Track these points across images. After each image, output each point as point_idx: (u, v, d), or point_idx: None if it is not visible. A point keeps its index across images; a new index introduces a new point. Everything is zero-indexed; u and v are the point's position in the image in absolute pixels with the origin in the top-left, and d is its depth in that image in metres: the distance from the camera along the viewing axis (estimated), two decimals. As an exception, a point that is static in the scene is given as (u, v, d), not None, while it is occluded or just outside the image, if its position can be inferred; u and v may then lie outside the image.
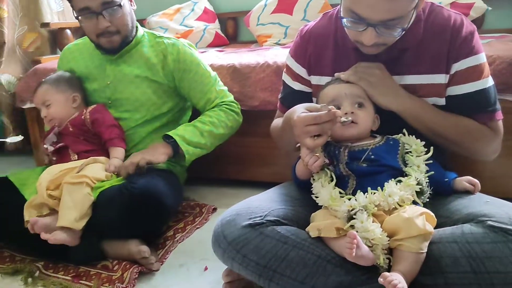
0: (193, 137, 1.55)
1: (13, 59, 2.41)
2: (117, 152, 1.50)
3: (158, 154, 1.47)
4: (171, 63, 1.60)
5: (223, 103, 1.66)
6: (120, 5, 1.47)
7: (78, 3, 1.45)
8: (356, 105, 1.09)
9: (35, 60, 2.37)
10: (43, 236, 1.26)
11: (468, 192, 1.08)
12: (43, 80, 1.60)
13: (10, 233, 1.41)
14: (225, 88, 1.72)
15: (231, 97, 1.70)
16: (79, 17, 1.49)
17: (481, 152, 1.17)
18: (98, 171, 1.39)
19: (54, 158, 1.52)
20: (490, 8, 2.21)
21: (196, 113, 1.77)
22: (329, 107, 1.00)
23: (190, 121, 1.68)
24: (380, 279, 0.87)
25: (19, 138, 1.51)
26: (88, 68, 1.64)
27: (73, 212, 1.28)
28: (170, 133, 1.53)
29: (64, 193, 1.31)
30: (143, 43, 1.63)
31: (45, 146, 1.53)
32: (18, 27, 2.43)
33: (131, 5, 1.57)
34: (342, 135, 1.08)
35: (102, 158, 1.48)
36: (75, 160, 1.47)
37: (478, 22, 2.30)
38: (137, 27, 1.64)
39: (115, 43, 1.54)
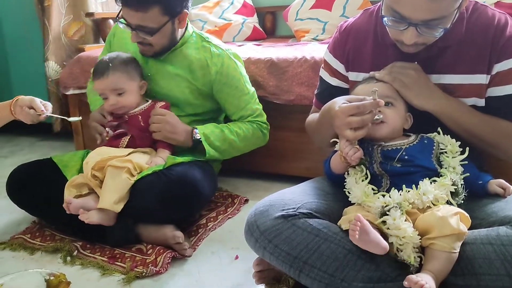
0: (216, 140, 1.60)
1: (58, 47, 2.51)
2: (164, 154, 1.52)
3: (177, 141, 1.54)
4: (213, 74, 1.61)
5: (256, 121, 1.69)
6: (153, 32, 1.46)
7: (122, 10, 1.47)
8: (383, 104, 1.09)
9: (79, 49, 2.46)
10: (81, 216, 1.31)
11: None
12: (104, 62, 1.51)
13: (52, 212, 1.47)
14: (260, 106, 1.74)
15: (263, 117, 1.73)
16: (117, 22, 1.52)
17: None
18: (141, 159, 1.44)
19: (107, 139, 1.56)
20: (537, 9, 2.12)
21: None
22: (374, 97, 1.01)
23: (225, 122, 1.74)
24: (405, 283, 0.87)
25: (79, 118, 1.55)
26: (135, 53, 1.63)
27: (114, 195, 1.34)
28: (199, 128, 1.58)
29: (107, 177, 1.37)
30: (189, 44, 1.63)
31: (107, 129, 1.53)
32: (64, 16, 2.52)
33: (179, 23, 1.54)
34: (373, 136, 1.08)
35: (148, 149, 1.52)
36: (123, 147, 1.51)
37: (524, 22, 2.22)
38: (187, 25, 1.64)
39: (149, 53, 1.56)
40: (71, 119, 1.52)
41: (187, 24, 1.64)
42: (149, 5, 1.41)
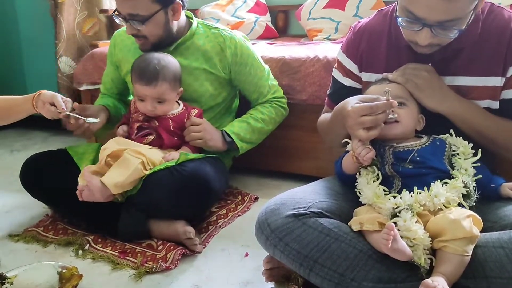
0: (246, 134, 1.65)
1: (72, 43, 2.53)
2: (185, 151, 1.52)
3: (216, 147, 1.59)
4: (230, 57, 1.63)
5: (274, 98, 1.73)
6: (144, 20, 1.47)
7: (116, 5, 1.50)
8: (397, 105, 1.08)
9: (92, 44, 2.48)
10: (85, 175, 1.33)
11: None
12: (153, 69, 1.45)
13: (65, 202, 1.49)
14: (276, 82, 1.77)
15: (281, 92, 1.77)
16: (113, 17, 1.55)
17: None
18: (155, 155, 1.44)
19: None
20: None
21: (242, 99, 1.85)
22: (387, 97, 1.01)
23: (239, 107, 1.77)
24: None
25: (96, 120, 1.55)
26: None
27: (119, 177, 1.34)
28: (227, 130, 1.62)
29: (120, 160, 1.37)
30: (198, 35, 1.64)
31: (135, 131, 1.53)
32: (79, 12, 2.54)
33: (173, 14, 1.54)
34: (385, 135, 1.08)
35: (172, 150, 1.53)
36: (148, 142, 1.51)
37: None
38: (191, 18, 1.67)
39: (146, 46, 1.55)
40: (90, 120, 1.52)
41: (191, 18, 1.66)
42: None
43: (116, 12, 1.51)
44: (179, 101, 1.58)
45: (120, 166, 1.37)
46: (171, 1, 1.50)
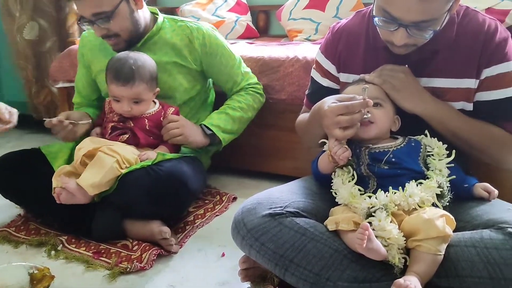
0: (227, 125, 1.63)
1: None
2: (162, 150, 1.50)
3: (196, 142, 1.56)
4: (198, 48, 1.61)
5: (249, 85, 1.72)
6: (109, 16, 1.44)
7: (76, 5, 1.47)
8: (372, 105, 1.09)
9: (70, 42, 2.43)
10: (62, 180, 1.32)
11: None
12: (129, 68, 1.42)
13: (38, 202, 1.46)
14: (249, 70, 1.77)
15: (255, 79, 1.76)
16: (79, 23, 1.51)
17: (505, 160, 1.16)
18: (130, 153, 1.42)
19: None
20: (527, 15, 2.15)
21: (218, 92, 1.84)
22: (363, 96, 1.01)
23: (215, 101, 1.76)
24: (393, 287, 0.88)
25: (88, 121, 1.53)
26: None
27: (94, 177, 1.31)
28: (207, 123, 1.60)
29: (95, 159, 1.35)
30: (165, 29, 1.62)
31: (109, 131, 1.51)
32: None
33: (136, 4, 1.52)
34: (361, 136, 1.09)
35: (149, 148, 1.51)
36: (123, 141, 1.49)
37: (514, 29, 2.25)
38: (156, 14, 1.65)
39: (120, 45, 1.53)
40: (81, 122, 1.50)
41: (156, 13, 1.64)
42: None
43: (80, 19, 1.48)
44: (155, 100, 1.56)
45: (94, 166, 1.34)
46: None
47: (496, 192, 1.07)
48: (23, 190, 1.47)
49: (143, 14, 1.57)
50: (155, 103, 1.55)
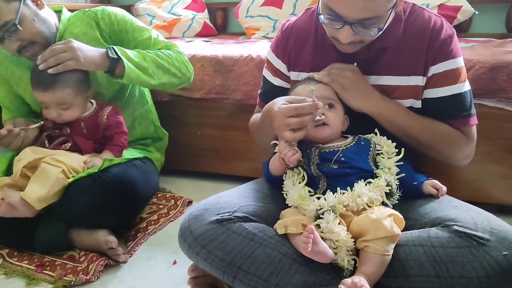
0: (135, 57, 1.44)
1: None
2: (106, 155, 1.44)
3: (93, 64, 1.38)
4: (105, 28, 1.51)
5: (173, 50, 1.58)
6: (15, 24, 1.33)
7: None
8: (326, 106, 1.08)
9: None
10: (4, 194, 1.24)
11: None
12: (50, 75, 1.32)
13: None
14: (173, 43, 1.63)
15: (178, 48, 1.61)
16: None
17: (453, 157, 1.18)
18: (75, 161, 1.35)
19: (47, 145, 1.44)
20: (477, 12, 2.21)
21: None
22: (313, 98, 1.00)
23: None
24: (341, 286, 0.86)
25: (40, 123, 1.44)
26: (24, 71, 1.50)
27: (41, 190, 1.25)
28: (114, 47, 1.42)
29: (39, 171, 1.28)
30: (73, 24, 1.52)
31: (46, 142, 1.43)
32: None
33: (37, 5, 1.42)
34: (314, 137, 1.08)
35: (91, 154, 1.44)
36: (65, 150, 1.41)
37: (465, 25, 2.31)
38: (60, 12, 1.55)
39: (39, 52, 1.38)
40: (32, 126, 1.41)
41: (60, 11, 1.54)
42: None
43: None
44: (92, 101, 1.48)
45: (39, 178, 1.28)
46: None
47: (444, 188, 1.07)
48: None
49: (48, 14, 1.47)
50: (92, 104, 1.48)
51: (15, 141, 1.37)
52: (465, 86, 1.13)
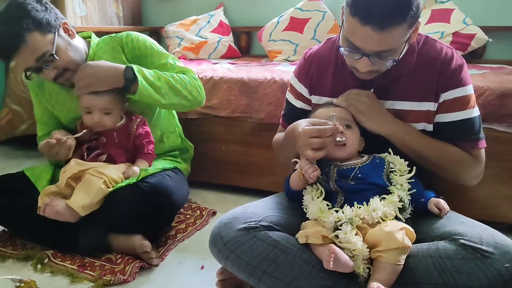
0: (150, 76, 1.52)
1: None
2: (143, 164, 1.56)
3: (106, 86, 1.48)
4: (129, 53, 1.62)
5: (187, 75, 1.66)
6: (52, 54, 1.42)
7: (21, 64, 1.45)
8: (344, 126, 1.18)
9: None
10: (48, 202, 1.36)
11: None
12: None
13: (24, 223, 1.51)
14: (188, 67, 1.71)
15: (193, 73, 1.70)
16: (27, 73, 1.47)
17: (462, 177, 1.25)
18: (115, 172, 1.47)
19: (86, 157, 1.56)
20: (490, 40, 2.28)
21: None
22: (334, 122, 1.10)
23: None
24: None
25: (84, 131, 1.55)
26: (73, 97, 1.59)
27: (85, 199, 1.38)
28: (132, 66, 1.51)
29: (83, 181, 1.41)
30: (102, 49, 1.62)
31: (85, 154, 1.54)
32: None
33: (69, 35, 1.51)
34: (334, 156, 1.17)
35: (126, 164, 1.56)
36: (102, 161, 1.54)
37: (479, 52, 2.37)
38: (89, 38, 1.65)
39: (72, 78, 1.50)
40: (78, 134, 1.52)
41: (90, 37, 1.65)
42: (30, 34, 1.38)
43: (26, 71, 1.46)
44: (123, 115, 1.60)
45: (83, 187, 1.40)
46: (56, 25, 1.45)
47: (446, 210, 1.14)
48: (9, 213, 1.51)
49: (79, 42, 1.57)
50: (122, 117, 1.60)
51: (62, 150, 1.46)
52: (474, 112, 1.22)
